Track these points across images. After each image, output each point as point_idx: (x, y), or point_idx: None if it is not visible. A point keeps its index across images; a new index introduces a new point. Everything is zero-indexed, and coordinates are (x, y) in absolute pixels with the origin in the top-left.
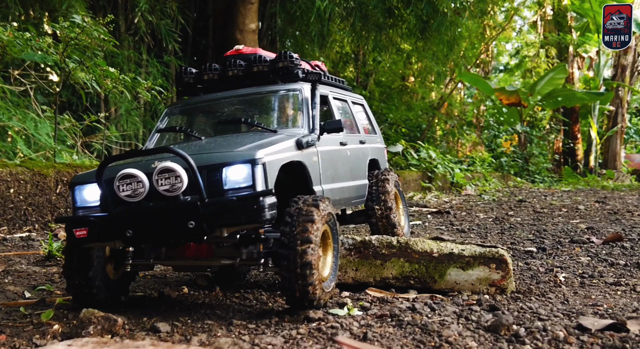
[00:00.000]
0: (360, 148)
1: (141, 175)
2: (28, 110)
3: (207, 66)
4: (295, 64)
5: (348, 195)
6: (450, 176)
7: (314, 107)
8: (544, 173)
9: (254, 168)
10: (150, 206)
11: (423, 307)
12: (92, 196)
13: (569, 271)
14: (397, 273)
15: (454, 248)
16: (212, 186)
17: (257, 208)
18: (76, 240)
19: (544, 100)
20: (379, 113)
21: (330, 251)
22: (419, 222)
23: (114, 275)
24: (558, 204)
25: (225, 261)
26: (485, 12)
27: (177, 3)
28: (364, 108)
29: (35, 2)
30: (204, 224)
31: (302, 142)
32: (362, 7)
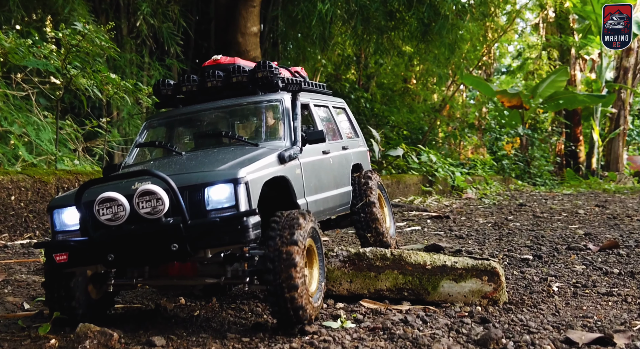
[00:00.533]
0: (343, 155)
1: (121, 198)
2: (30, 114)
3: (185, 77)
4: (275, 74)
5: (332, 204)
6: (451, 180)
7: (295, 118)
8: (546, 175)
9: (236, 187)
10: (132, 229)
11: (415, 319)
12: (72, 220)
13: (563, 280)
14: (391, 285)
15: (447, 260)
16: (194, 206)
17: (241, 228)
18: (57, 265)
19: (545, 103)
20: (381, 116)
21: (315, 265)
22: (418, 227)
23: (96, 295)
24: (558, 208)
25: (210, 280)
26: (486, 14)
27: (179, 6)
28: (346, 112)
29: (38, 5)
30: (187, 246)
31: (285, 156)
32: (364, 10)
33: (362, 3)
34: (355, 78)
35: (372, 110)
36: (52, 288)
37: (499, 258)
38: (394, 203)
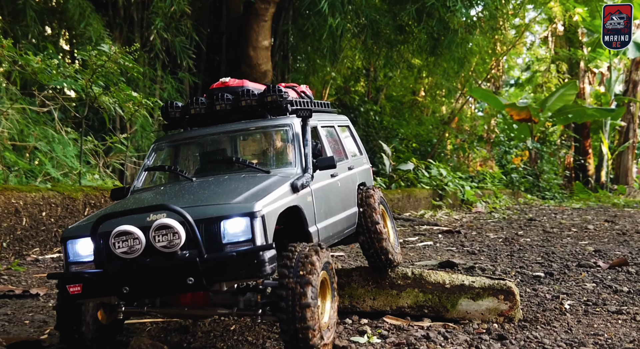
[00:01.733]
0: (350, 176)
1: (137, 232)
2: (46, 127)
3: (193, 100)
4: (284, 98)
5: (340, 227)
6: (461, 194)
7: (305, 145)
8: (555, 189)
9: (252, 221)
10: (148, 262)
11: (437, 336)
12: (85, 251)
13: (574, 297)
14: (412, 303)
15: (465, 280)
16: (210, 239)
17: (258, 263)
18: (70, 296)
19: (554, 116)
20: (390, 129)
21: (328, 297)
22: (430, 243)
23: (106, 320)
24: (567, 223)
25: (222, 311)
26: (495, 28)
27: (191, 20)
28: (350, 130)
29: (54, 20)
30: (203, 280)
31: (297, 185)
32: (374, 25)
33: (372, 17)
34: (364, 90)
35: (381, 122)
36: (63, 313)
37: (511, 275)
38: (405, 218)
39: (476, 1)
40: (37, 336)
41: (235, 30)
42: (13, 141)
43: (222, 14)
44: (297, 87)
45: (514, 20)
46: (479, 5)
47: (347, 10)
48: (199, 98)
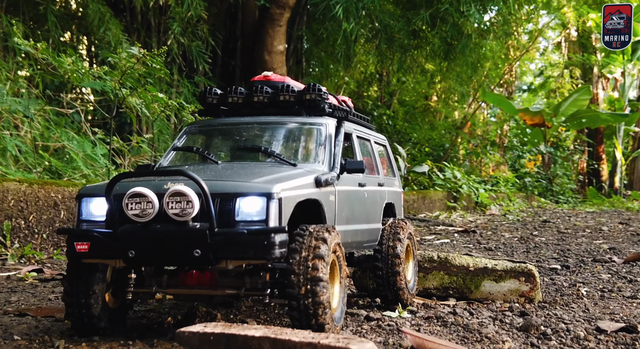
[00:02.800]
0: (378, 191)
1: (152, 195)
2: (67, 128)
3: (232, 89)
4: (323, 98)
5: (361, 238)
6: (475, 196)
7: (337, 145)
8: (568, 193)
9: (269, 202)
10: (157, 228)
11: (463, 312)
12: (99, 211)
13: (591, 286)
14: (438, 284)
15: (488, 263)
16: (223, 215)
17: (267, 244)
18: (76, 253)
19: (568, 121)
20: (403, 133)
21: (337, 282)
22: (447, 240)
23: (113, 304)
24: (582, 225)
25: (229, 291)
26: (509, 33)
27: (207, 25)
28: (386, 149)
29: (73, 25)
30: (210, 254)
31: (321, 180)
32: (388, 29)
33: (386, 22)
34: (377, 95)
35: (395, 127)
36: (71, 290)
37: None
38: (420, 218)
39: (490, 6)
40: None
41: (250, 35)
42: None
43: (237, 19)
44: (338, 96)
45: (527, 25)
46: (492, 11)
47: (361, 15)
48: (238, 87)
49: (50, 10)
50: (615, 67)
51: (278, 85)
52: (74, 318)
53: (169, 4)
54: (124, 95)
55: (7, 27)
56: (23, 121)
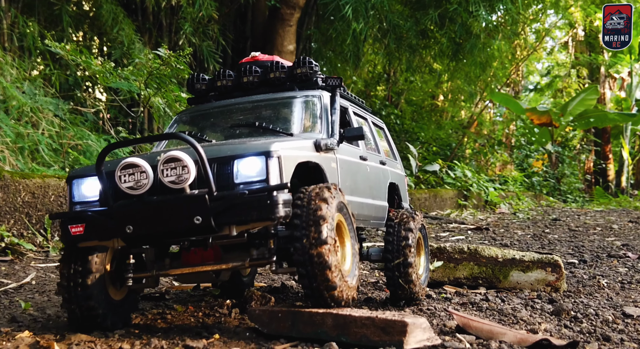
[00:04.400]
0: (381, 169)
1: (145, 164)
2: (80, 125)
3: (220, 72)
4: (315, 71)
5: (367, 212)
6: (485, 195)
7: (333, 113)
8: (576, 193)
9: (268, 160)
10: (154, 199)
11: (494, 298)
12: (91, 191)
13: (610, 278)
14: (468, 274)
15: (516, 254)
16: (222, 180)
17: (271, 203)
18: (72, 237)
19: (575, 121)
20: (411, 132)
21: (347, 241)
22: (462, 237)
23: (116, 295)
24: (592, 223)
25: (235, 264)
26: (517, 33)
27: (218, 25)
28: (385, 132)
29: (86, 25)
30: (212, 220)
31: (321, 143)
32: (396, 29)
33: (394, 22)
34: (384, 95)
35: (402, 126)
36: (67, 276)
37: None
38: (432, 216)
39: (498, 6)
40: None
41: (260, 34)
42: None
43: (247, 19)
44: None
45: (533, 25)
46: (500, 10)
47: (370, 15)
48: (226, 70)
49: (64, 10)
50: (622, 67)
51: (267, 64)
52: (72, 311)
53: (181, 4)
54: (148, 95)
55: (23, 27)
56: (40, 118)
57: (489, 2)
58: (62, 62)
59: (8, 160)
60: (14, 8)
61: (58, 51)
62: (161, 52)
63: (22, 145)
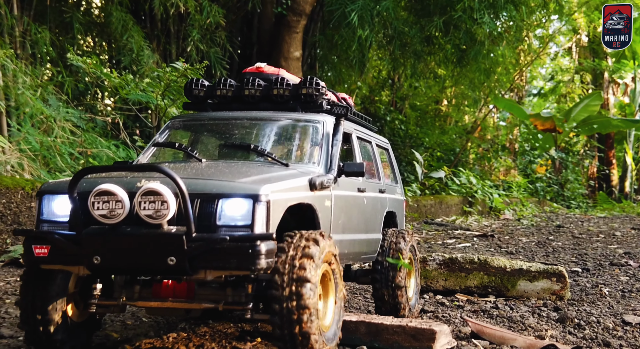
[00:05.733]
0: (379, 198)
1: (122, 193)
2: (89, 132)
3: (221, 80)
4: (321, 93)
5: (359, 249)
6: (490, 201)
7: (334, 145)
8: (579, 198)
9: (255, 205)
10: (127, 231)
11: (503, 306)
12: (62, 210)
13: (611, 286)
14: (478, 283)
15: (523, 265)
16: (203, 219)
17: (252, 253)
18: (34, 258)
19: (579, 127)
20: (415, 137)
21: (331, 294)
22: (468, 244)
23: (78, 317)
24: (595, 230)
25: (207, 305)
26: (521, 39)
27: (225, 32)
28: (388, 153)
29: (95, 32)
30: (187, 262)
31: (316, 182)
32: (401, 36)
33: (400, 29)
34: (388, 100)
35: (407, 131)
36: (26, 296)
37: None
38: (437, 223)
39: (502, 14)
40: None
41: (266, 41)
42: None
43: (254, 25)
44: (338, 93)
45: (536, 31)
46: (504, 17)
47: (376, 22)
48: (227, 79)
49: (75, 18)
50: (625, 72)
51: (271, 78)
52: (29, 332)
53: (189, 11)
54: (165, 106)
55: (36, 34)
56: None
57: (493, 9)
58: (72, 68)
59: (27, 168)
60: (26, 16)
61: (80, 65)
62: (178, 65)
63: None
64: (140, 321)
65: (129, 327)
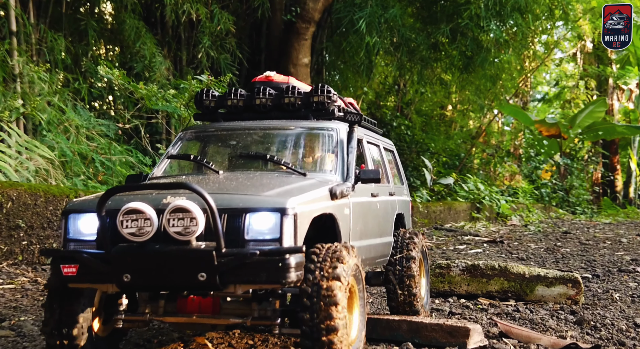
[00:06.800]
0: (389, 201)
1: (150, 211)
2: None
3: (232, 90)
4: (332, 100)
5: (374, 254)
6: (497, 207)
7: (350, 152)
8: (584, 204)
9: (282, 218)
10: (156, 249)
11: (524, 310)
12: (88, 229)
13: (622, 292)
14: (499, 288)
15: (541, 271)
16: (230, 233)
17: (282, 266)
18: (63, 277)
19: (584, 133)
20: (421, 143)
21: (356, 308)
22: (479, 250)
23: (103, 331)
24: (601, 237)
25: (235, 320)
26: (526, 46)
27: (235, 39)
28: (394, 155)
29: (110, 39)
30: (217, 278)
31: (337, 192)
32: (408, 43)
33: (407, 36)
34: (393, 105)
35: (413, 137)
36: (52, 318)
37: None
38: (447, 228)
39: (508, 21)
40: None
41: (275, 48)
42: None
43: (263, 32)
44: (344, 98)
45: (541, 37)
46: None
47: (383, 29)
48: (238, 89)
49: (90, 25)
50: (630, 79)
51: (282, 86)
52: (53, 346)
53: (200, 19)
54: (189, 116)
55: (52, 41)
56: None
57: (499, 17)
58: (86, 74)
59: (52, 173)
60: (42, 23)
61: (110, 77)
62: (203, 78)
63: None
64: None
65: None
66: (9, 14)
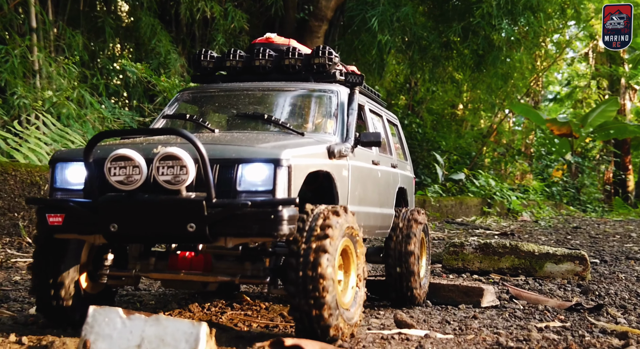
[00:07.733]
0: (391, 173)
1: (139, 158)
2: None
3: (231, 51)
4: (334, 62)
5: (374, 222)
6: (508, 203)
7: (350, 114)
8: (595, 203)
9: (276, 169)
10: (145, 198)
11: (534, 283)
12: (76, 178)
13: (627, 274)
14: (509, 265)
15: (550, 249)
16: (222, 184)
17: (275, 218)
18: (49, 227)
19: (595, 132)
20: (432, 141)
21: (352, 270)
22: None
23: (92, 289)
24: (611, 231)
25: (224, 278)
26: (538, 45)
27: (248, 36)
28: (398, 129)
29: (126, 36)
30: (207, 229)
31: (334, 150)
32: (420, 41)
33: (419, 34)
34: (404, 104)
35: (425, 135)
36: (38, 275)
37: None
38: (458, 222)
39: (520, 19)
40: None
41: None
42: None
43: (275, 29)
44: (347, 65)
45: (553, 36)
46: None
47: (395, 27)
48: (237, 50)
49: (107, 23)
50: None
51: (282, 48)
52: (44, 305)
53: (214, 16)
54: None
55: (69, 38)
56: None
57: (511, 16)
58: (103, 71)
59: None
60: (61, 20)
61: (133, 70)
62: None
63: None
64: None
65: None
66: (29, 10)
